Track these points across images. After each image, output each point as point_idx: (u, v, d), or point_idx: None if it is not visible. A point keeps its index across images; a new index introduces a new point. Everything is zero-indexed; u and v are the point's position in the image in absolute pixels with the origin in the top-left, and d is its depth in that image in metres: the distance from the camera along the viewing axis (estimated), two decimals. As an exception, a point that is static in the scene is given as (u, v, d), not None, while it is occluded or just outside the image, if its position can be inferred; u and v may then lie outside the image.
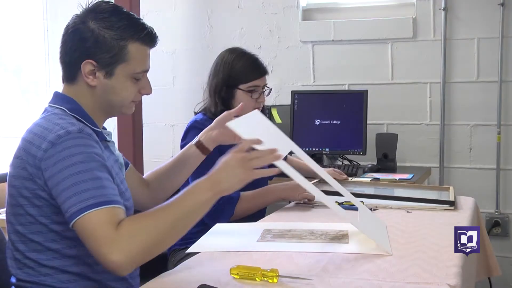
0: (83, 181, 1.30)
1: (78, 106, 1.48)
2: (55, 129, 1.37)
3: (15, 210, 1.42)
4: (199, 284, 1.19)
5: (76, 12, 1.52)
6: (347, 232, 1.65)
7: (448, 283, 1.22)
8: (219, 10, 3.66)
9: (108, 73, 1.45)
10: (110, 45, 1.44)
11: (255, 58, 2.27)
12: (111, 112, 1.55)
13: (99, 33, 1.43)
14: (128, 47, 1.45)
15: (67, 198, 1.29)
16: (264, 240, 1.61)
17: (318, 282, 1.24)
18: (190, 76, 3.65)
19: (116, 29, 1.44)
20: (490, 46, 3.19)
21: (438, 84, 3.28)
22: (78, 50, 1.46)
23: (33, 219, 1.40)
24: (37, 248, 1.41)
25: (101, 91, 1.48)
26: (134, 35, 1.46)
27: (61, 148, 1.33)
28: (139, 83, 1.51)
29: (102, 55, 1.44)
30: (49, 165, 1.33)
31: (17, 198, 1.41)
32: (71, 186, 1.30)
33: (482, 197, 3.13)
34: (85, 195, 1.28)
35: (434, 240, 1.58)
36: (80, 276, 1.43)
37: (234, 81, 2.20)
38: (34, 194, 1.38)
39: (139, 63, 1.48)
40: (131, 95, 1.50)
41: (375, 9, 3.45)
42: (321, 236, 1.62)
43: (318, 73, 3.49)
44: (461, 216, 1.89)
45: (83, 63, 1.45)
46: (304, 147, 3.14)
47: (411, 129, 3.34)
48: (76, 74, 1.48)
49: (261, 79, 2.23)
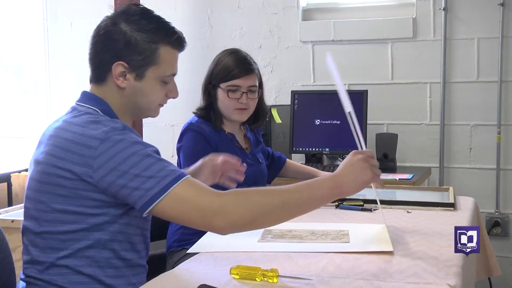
0: (152, 163, 1.34)
1: (109, 107, 1.48)
2: (98, 126, 1.38)
3: (39, 206, 1.42)
4: (199, 284, 1.19)
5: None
6: (348, 232, 1.65)
7: (448, 283, 1.22)
8: (219, 10, 3.66)
9: (138, 75, 1.47)
10: (142, 48, 1.45)
11: (241, 57, 2.18)
12: (138, 114, 1.57)
13: (131, 35, 1.45)
14: (159, 50, 1.47)
15: (140, 184, 1.32)
16: (265, 240, 1.61)
17: (318, 282, 1.24)
18: (190, 76, 3.65)
19: (147, 32, 1.46)
20: (490, 46, 3.19)
21: (438, 84, 3.28)
22: (109, 52, 1.47)
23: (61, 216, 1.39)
24: (55, 246, 1.41)
25: (130, 93, 1.49)
26: (165, 39, 1.48)
27: (112, 143, 1.35)
28: (167, 86, 1.53)
29: (134, 57, 1.45)
30: (104, 161, 1.34)
31: (46, 194, 1.40)
32: (142, 171, 1.32)
33: (482, 197, 3.13)
34: (161, 174, 1.32)
35: (434, 240, 1.58)
36: (92, 278, 1.42)
37: (215, 79, 2.16)
38: (72, 192, 1.37)
39: (169, 66, 1.50)
40: (159, 98, 1.53)
41: (375, 9, 3.44)
42: (322, 236, 1.62)
43: (318, 73, 3.49)
44: (461, 216, 1.89)
45: (114, 64, 1.46)
46: (304, 147, 3.14)
47: (411, 129, 3.34)
48: (105, 75, 1.49)
49: (242, 79, 2.13)
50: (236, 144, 2.21)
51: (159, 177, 1.32)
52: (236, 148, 2.19)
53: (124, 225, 1.43)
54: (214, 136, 2.15)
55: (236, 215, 1.32)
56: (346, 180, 1.39)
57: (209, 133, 2.14)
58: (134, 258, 1.48)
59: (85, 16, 3.85)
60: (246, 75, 2.14)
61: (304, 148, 3.15)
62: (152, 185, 1.31)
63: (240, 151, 2.20)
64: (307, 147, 3.14)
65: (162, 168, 1.34)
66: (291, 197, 1.36)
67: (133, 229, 1.46)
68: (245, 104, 2.14)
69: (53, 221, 1.40)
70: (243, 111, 2.16)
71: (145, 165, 1.33)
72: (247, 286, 1.23)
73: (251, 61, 2.20)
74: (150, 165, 1.33)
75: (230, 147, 2.16)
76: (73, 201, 1.38)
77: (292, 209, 1.37)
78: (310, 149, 3.13)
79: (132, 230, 1.46)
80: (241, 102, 2.13)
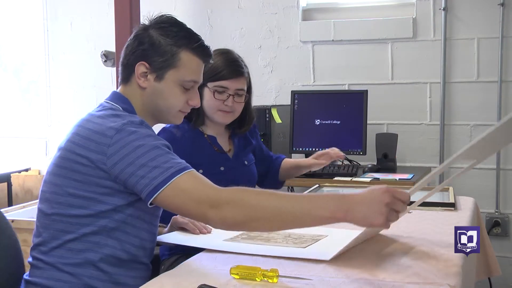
0: (159, 155, 1.40)
1: (131, 107, 1.55)
2: (117, 119, 1.46)
3: (53, 188, 1.48)
4: (199, 284, 1.19)
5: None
6: (324, 237, 1.62)
7: (448, 283, 1.22)
8: (219, 10, 3.66)
9: (158, 76, 1.53)
10: (164, 50, 1.53)
11: (232, 59, 2.10)
12: (159, 117, 1.61)
13: (156, 39, 1.54)
14: (180, 54, 1.53)
15: (147, 173, 1.38)
16: (234, 240, 1.61)
17: (318, 282, 1.24)
18: (190, 76, 3.66)
19: (172, 37, 1.54)
20: (490, 46, 3.19)
21: (438, 84, 3.28)
22: (135, 53, 1.55)
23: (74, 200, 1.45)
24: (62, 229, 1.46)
25: (150, 94, 1.55)
26: (187, 44, 1.54)
27: (127, 134, 1.42)
28: (188, 93, 1.58)
29: (155, 58, 1.53)
30: (117, 149, 1.41)
31: (61, 178, 1.46)
32: (148, 161, 1.39)
33: (482, 197, 3.13)
34: (166, 165, 1.38)
35: (434, 240, 1.58)
36: (91, 263, 1.46)
37: (203, 77, 2.10)
38: (86, 178, 1.44)
39: (188, 71, 1.55)
40: (179, 103, 1.57)
41: (375, 9, 3.45)
42: (294, 239, 1.60)
43: (318, 73, 3.49)
44: (461, 216, 1.89)
45: (137, 64, 1.54)
46: (304, 147, 3.15)
47: (411, 129, 3.34)
48: (130, 75, 1.57)
49: (231, 81, 2.06)
50: (215, 147, 2.14)
51: (163, 167, 1.38)
52: (214, 152, 2.13)
53: (130, 216, 1.47)
54: (188, 139, 2.10)
55: (228, 212, 1.35)
56: (356, 211, 1.28)
57: (180, 137, 2.09)
58: (139, 253, 1.52)
59: (85, 16, 3.85)
60: (235, 78, 2.07)
61: (304, 148, 3.15)
62: (156, 175, 1.37)
63: (220, 154, 2.13)
64: (307, 147, 3.14)
65: (168, 160, 1.40)
66: (288, 207, 1.32)
67: (141, 223, 1.51)
68: (230, 107, 2.08)
69: (64, 203, 1.46)
70: (227, 114, 2.09)
71: (152, 156, 1.39)
72: (247, 286, 1.23)
73: (241, 64, 2.12)
74: (156, 156, 1.40)
75: (206, 151, 2.11)
76: (85, 186, 1.44)
77: (287, 220, 1.33)
78: (310, 149, 3.13)
79: (140, 223, 1.50)
80: (226, 105, 2.07)
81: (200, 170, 2.07)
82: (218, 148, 2.15)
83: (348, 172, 2.85)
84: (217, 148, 2.15)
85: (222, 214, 1.35)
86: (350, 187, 2.55)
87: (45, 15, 3.99)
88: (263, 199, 1.35)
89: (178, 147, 2.07)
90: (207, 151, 2.12)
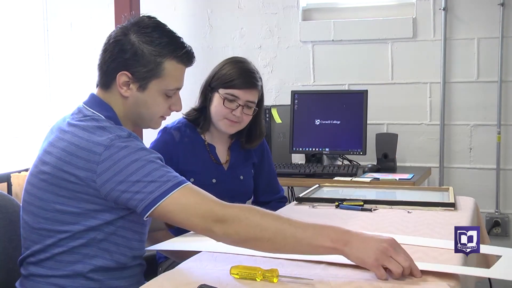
0: (155, 169, 1.36)
1: (114, 114, 1.50)
2: (104, 133, 1.40)
3: (39, 203, 1.44)
4: (199, 284, 1.19)
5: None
6: None
7: (448, 283, 1.22)
8: (219, 10, 3.66)
9: (141, 87, 1.49)
10: (147, 60, 1.47)
11: (248, 69, 2.07)
12: (140, 124, 1.58)
13: (138, 47, 1.47)
14: (164, 63, 1.48)
15: (142, 188, 1.34)
16: None
17: (318, 282, 1.24)
18: (189, 76, 3.62)
19: (155, 45, 1.48)
20: (490, 46, 3.19)
21: (438, 84, 3.28)
22: (116, 60, 1.48)
23: (60, 215, 1.42)
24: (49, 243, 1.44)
25: (132, 103, 1.51)
26: (172, 53, 1.49)
27: (117, 149, 1.38)
28: (171, 99, 1.54)
29: (138, 69, 1.47)
30: (107, 167, 1.36)
31: (48, 194, 1.43)
32: (144, 177, 1.35)
33: (482, 197, 3.13)
34: (162, 179, 1.35)
35: (434, 240, 1.58)
36: (79, 274, 1.45)
37: (216, 82, 2.07)
38: (74, 194, 1.40)
39: (173, 80, 1.51)
40: (161, 111, 1.54)
41: (375, 9, 3.45)
42: None
43: (318, 73, 3.49)
44: (461, 216, 1.89)
45: (119, 73, 1.48)
46: (304, 147, 3.14)
47: (411, 129, 3.34)
48: (111, 82, 1.51)
49: (243, 91, 2.03)
50: (213, 157, 2.12)
51: (160, 181, 1.35)
52: (210, 162, 2.11)
53: (121, 228, 1.46)
54: (186, 144, 2.08)
55: (231, 228, 1.32)
56: (353, 246, 1.27)
57: (179, 141, 2.08)
58: (128, 261, 1.51)
59: (85, 16, 3.85)
60: (248, 89, 2.04)
61: (304, 148, 3.15)
62: (153, 189, 1.34)
63: (215, 165, 2.11)
64: (307, 147, 3.14)
65: (164, 174, 1.37)
66: (291, 231, 1.30)
67: (131, 234, 1.49)
68: (238, 118, 2.04)
69: (51, 219, 1.43)
70: (233, 124, 2.06)
71: (147, 171, 1.36)
72: (247, 286, 1.23)
73: (256, 76, 2.08)
74: (152, 170, 1.36)
75: (202, 160, 2.09)
76: (74, 202, 1.41)
77: (288, 244, 1.31)
78: (310, 149, 3.14)
79: (130, 234, 1.49)
80: (234, 114, 2.03)
81: (191, 179, 2.06)
82: (215, 158, 2.12)
83: (348, 172, 2.85)
84: (214, 158, 2.12)
85: (227, 230, 1.33)
86: (350, 187, 2.55)
87: (45, 15, 3.99)
88: (268, 221, 1.33)
89: (174, 150, 2.07)
90: (203, 160, 2.10)
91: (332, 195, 2.28)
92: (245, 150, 2.19)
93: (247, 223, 1.32)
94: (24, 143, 4.02)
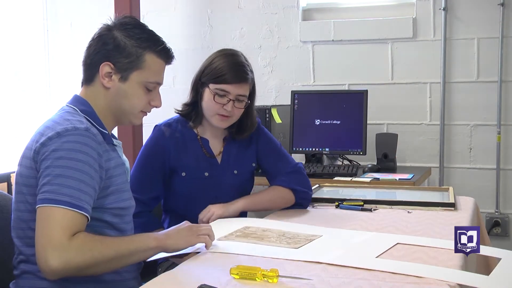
0: (72, 178, 1.38)
1: (90, 108, 1.55)
2: (64, 123, 1.45)
3: (17, 197, 1.49)
4: (199, 284, 1.19)
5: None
6: (318, 237, 1.62)
7: (448, 283, 1.22)
8: (219, 10, 3.66)
9: (123, 77, 1.54)
10: (129, 51, 1.53)
11: (238, 63, 2.02)
12: (121, 117, 1.60)
13: (121, 40, 1.54)
14: (145, 56, 1.54)
15: (49, 182, 1.37)
16: (228, 238, 1.61)
17: (318, 282, 1.24)
18: (190, 76, 3.63)
19: (136, 39, 1.54)
20: (490, 46, 3.19)
21: (438, 84, 3.28)
22: (100, 53, 1.54)
23: (30, 206, 1.44)
24: (31, 235, 1.43)
25: (114, 94, 1.55)
26: (151, 47, 1.55)
27: (65, 140, 1.41)
28: (151, 94, 1.58)
29: (120, 59, 1.53)
30: (48, 150, 1.41)
31: (19, 185, 1.48)
32: (59, 175, 1.37)
33: (482, 197, 3.13)
34: (66, 190, 1.36)
35: (434, 240, 1.58)
36: None
37: (206, 77, 2.03)
38: (31, 182, 1.44)
39: (152, 73, 1.56)
40: (141, 103, 1.57)
41: (375, 9, 3.45)
42: (288, 238, 1.61)
43: (318, 73, 3.49)
44: (461, 216, 1.89)
45: (101, 64, 1.53)
46: (304, 147, 3.15)
47: (411, 129, 3.34)
48: (94, 75, 1.56)
49: (233, 86, 1.99)
50: (205, 150, 2.09)
51: (60, 191, 1.36)
52: (203, 156, 2.08)
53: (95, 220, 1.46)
54: (178, 139, 2.07)
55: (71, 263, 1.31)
56: (171, 233, 1.48)
57: (169, 136, 2.06)
58: None
59: (85, 16, 3.85)
60: (238, 83, 2.00)
61: (304, 148, 3.15)
62: (53, 190, 1.36)
63: (208, 159, 2.09)
64: (307, 147, 3.14)
65: (74, 187, 1.37)
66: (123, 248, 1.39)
67: (103, 224, 1.50)
68: (229, 112, 2.01)
69: (25, 211, 1.47)
70: (225, 118, 2.03)
71: (68, 173, 1.38)
72: (247, 286, 1.23)
73: (247, 69, 2.03)
74: (71, 176, 1.38)
75: (195, 153, 2.07)
76: (34, 193, 1.43)
77: (123, 259, 1.40)
78: (310, 149, 3.14)
79: (102, 225, 1.50)
80: (225, 109, 2.00)
81: (183, 173, 2.05)
82: (207, 151, 2.10)
83: (348, 172, 2.85)
84: (206, 152, 2.09)
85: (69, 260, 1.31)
86: (350, 187, 2.55)
87: (45, 15, 3.99)
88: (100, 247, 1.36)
89: (165, 146, 2.06)
90: (195, 154, 2.08)
91: (332, 195, 2.29)
92: (244, 145, 2.15)
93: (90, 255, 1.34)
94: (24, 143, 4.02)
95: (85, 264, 1.33)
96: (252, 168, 2.16)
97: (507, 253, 1.51)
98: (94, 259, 1.33)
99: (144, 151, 2.08)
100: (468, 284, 1.26)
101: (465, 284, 1.27)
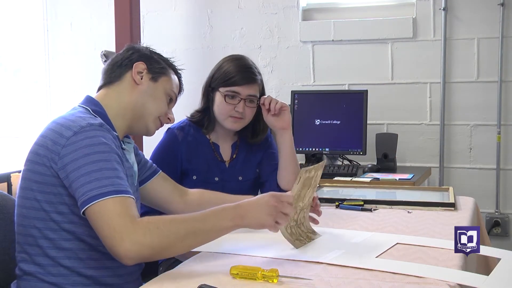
0: (105, 169, 1.38)
1: (102, 109, 1.57)
2: (78, 120, 1.46)
3: (24, 193, 1.47)
4: (199, 284, 1.19)
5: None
6: (315, 236, 1.62)
7: (448, 283, 1.22)
8: (219, 10, 3.66)
9: (153, 78, 1.63)
10: (159, 61, 1.67)
11: (245, 65, 2.09)
12: (138, 120, 1.62)
13: (150, 52, 1.68)
14: (169, 69, 1.69)
15: (87, 182, 1.36)
16: None
17: (318, 282, 1.24)
18: (190, 76, 3.64)
19: (163, 59, 1.70)
20: (490, 46, 3.19)
21: (438, 84, 3.29)
22: (133, 56, 1.64)
23: (38, 204, 1.44)
24: (35, 235, 1.45)
25: (142, 91, 1.61)
26: (173, 68, 1.71)
27: (83, 137, 1.42)
28: (169, 106, 1.68)
29: (153, 64, 1.65)
30: (69, 151, 1.40)
31: (28, 182, 1.46)
32: (92, 171, 1.37)
33: (482, 197, 3.13)
34: (105, 181, 1.36)
35: (434, 240, 1.58)
36: (71, 270, 1.45)
37: (216, 82, 2.09)
38: (45, 179, 1.43)
39: (174, 85, 1.69)
40: (162, 109, 1.65)
41: (375, 9, 3.45)
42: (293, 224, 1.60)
43: (318, 73, 3.49)
44: (461, 216, 1.89)
45: (136, 63, 1.61)
46: (304, 147, 3.15)
47: (411, 129, 3.34)
48: (123, 74, 1.62)
49: (243, 87, 2.04)
50: (217, 155, 2.12)
51: (103, 183, 1.36)
52: (214, 160, 2.11)
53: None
54: (190, 143, 2.09)
55: (143, 245, 1.31)
56: (249, 216, 1.41)
57: (182, 140, 2.09)
58: None
59: (85, 16, 3.85)
60: (247, 84, 2.05)
61: (304, 148, 3.15)
62: (94, 187, 1.35)
63: (219, 163, 2.12)
64: (307, 147, 3.14)
65: (111, 176, 1.38)
66: (197, 227, 1.38)
67: None
68: (241, 113, 2.04)
69: (31, 209, 1.46)
70: (237, 120, 2.06)
71: (99, 166, 1.38)
72: (247, 286, 1.23)
73: (255, 70, 2.10)
74: (103, 168, 1.38)
75: (206, 158, 2.10)
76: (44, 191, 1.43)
77: (198, 238, 1.39)
78: (310, 149, 3.14)
79: None
80: (237, 110, 2.03)
81: (194, 177, 2.07)
82: (219, 156, 2.13)
83: (348, 172, 2.85)
84: (218, 156, 2.13)
85: (140, 242, 1.31)
86: (350, 187, 2.55)
87: (45, 15, 3.99)
88: (176, 225, 1.35)
89: (178, 150, 2.08)
90: (206, 158, 2.10)
91: (332, 195, 2.29)
92: (250, 151, 2.18)
93: (159, 233, 1.33)
94: (24, 143, 4.03)
95: (159, 244, 1.32)
96: (256, 175, 2.20)
97: (507, 253, 1.51)
98: (165, 237, 1.33)
99: (157, 155, 2.09)
100: (468, 284, 1.26)
101: (465, 284, 1.27)
